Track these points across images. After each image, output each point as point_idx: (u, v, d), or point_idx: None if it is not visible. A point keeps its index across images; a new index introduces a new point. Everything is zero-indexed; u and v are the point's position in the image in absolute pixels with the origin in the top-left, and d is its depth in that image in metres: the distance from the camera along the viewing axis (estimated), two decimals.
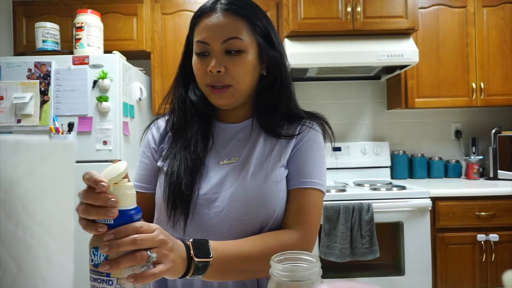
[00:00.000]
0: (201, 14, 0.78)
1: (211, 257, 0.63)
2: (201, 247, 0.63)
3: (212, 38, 0.75)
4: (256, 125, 0.84)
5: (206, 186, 0.77)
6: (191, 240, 0.63)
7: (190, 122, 0.82)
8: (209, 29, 0.75)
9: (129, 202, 0.52)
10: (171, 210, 0.76)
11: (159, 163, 0.83)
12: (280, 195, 0.78)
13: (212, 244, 0.65)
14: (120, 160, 0.55)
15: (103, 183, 0.49)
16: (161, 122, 0.89)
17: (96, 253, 0.50)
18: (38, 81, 1.92)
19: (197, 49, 0.78)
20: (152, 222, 0.85)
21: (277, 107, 0.83)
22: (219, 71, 0.75)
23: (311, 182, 0.79)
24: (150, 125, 0.91)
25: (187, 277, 0.61)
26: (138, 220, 0.54)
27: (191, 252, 0.61)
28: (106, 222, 0.50)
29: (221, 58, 0.75)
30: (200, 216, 0.76)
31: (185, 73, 0.84)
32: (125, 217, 0.51)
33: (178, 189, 0.76)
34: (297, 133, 0.82)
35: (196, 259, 0.61)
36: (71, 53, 2.01)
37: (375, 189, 2.06)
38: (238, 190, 0.76)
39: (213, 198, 0.76)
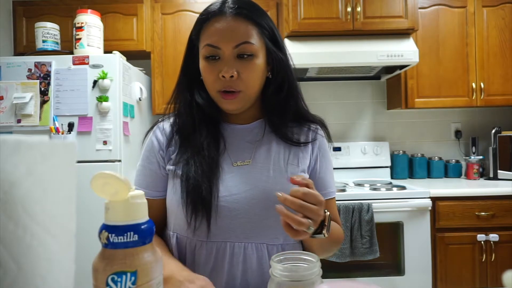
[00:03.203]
0: (209, 17, 0.76)
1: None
2: None
3: (223, 42, 0.74)
4: (267, 127, 0.84)
5: (224, 189, 0.77)
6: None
7: (198, 126, 0.81)
8: (220, 33, 0.74)
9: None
10: (192, 215, 0.75)
11: (169, 167, 0.81)
12: None
13: None
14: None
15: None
16: (166, 125, 0.86)
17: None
18: (38, 81, 1.92)
19: (206, 53, 0.76)
20: (161, 227, 0.85)
21: (286, 109, 0.83)
22: (231, 76, 0.74)
23: (331, 192, 0.86)
24: (153, 127, 0.88)
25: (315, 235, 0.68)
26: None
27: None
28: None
29: (233, 62, 0.75)
30: (222, 219, 0.76)
31: (188, 76, 0.83)
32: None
33: (198, 194, 0.74)
34: (310, 140, 0.86)
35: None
36: (71, 53, 2.01)
37: (375, 189, 2.06)
38: (259, 194, 0.77)
39: (232, 200, 0.76)
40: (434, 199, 1.99)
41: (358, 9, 2.17)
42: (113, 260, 0.38)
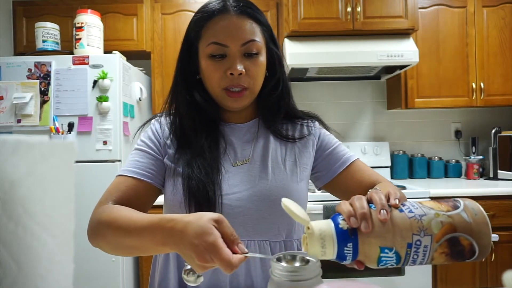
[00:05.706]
0: (213, 16, 0.76)
1: None
2: None
3: (231, 40, 0.74)
4: (262, 125, 0.85)
5: (227, 189, 0.77)
6: None
7: (199, 128, 0.81)
8: (226, 30, 0.74)
9: None
10: None
11: (167, 161, 0.80)
12: (302, 195, 0.80)
13: None
14: None
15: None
16: (163, 121, 0.86)
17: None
18: (38, 81, 1.92)
19: (212, 51, 0.75)
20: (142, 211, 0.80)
21: (280, 107, 0.85)
22: (239, 74, 0.74)
23: (348, 157, 0.85)
24: (151, 119, 0.88)
25: None
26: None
27: None
28: None
29: (241, 60, 0.75)
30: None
31: (186, 77, 0.82)
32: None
33: (203, 195, 0.74)
34: (305, 135, 0.87)
35: None
36: (71, 53, 2.01)
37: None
38: (259, 191, 0.77)
39: (235, 198, 0.77)
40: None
41: (358, 9, 2.17)
42: None
